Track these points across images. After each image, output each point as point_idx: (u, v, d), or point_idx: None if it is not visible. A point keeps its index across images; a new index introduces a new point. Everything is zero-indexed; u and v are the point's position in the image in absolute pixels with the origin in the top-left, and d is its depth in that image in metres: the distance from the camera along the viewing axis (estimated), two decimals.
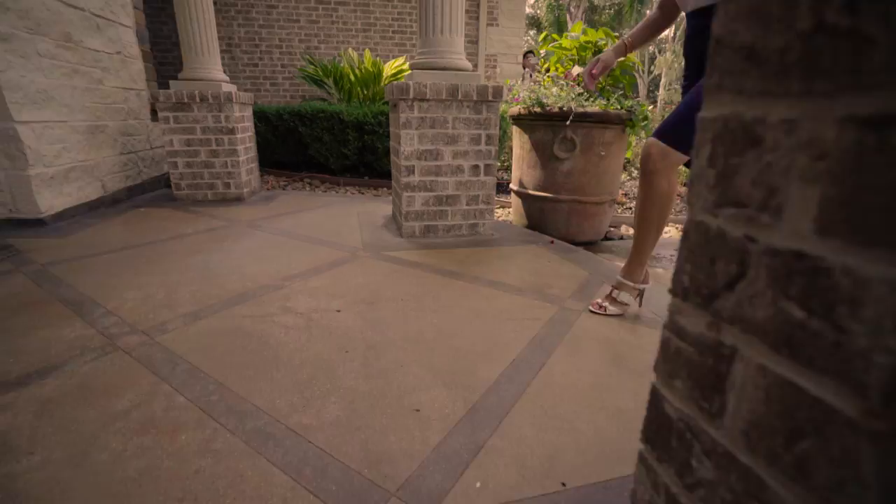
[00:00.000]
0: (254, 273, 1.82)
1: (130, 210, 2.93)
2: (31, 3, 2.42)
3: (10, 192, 2.37)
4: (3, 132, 2.27)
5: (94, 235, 2.34)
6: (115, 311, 1.48)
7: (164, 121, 3.02)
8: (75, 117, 2.73)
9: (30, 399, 1.04)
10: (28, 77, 2.36)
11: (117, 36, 3.26)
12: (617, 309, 1.52)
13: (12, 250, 2.01)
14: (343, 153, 4.03)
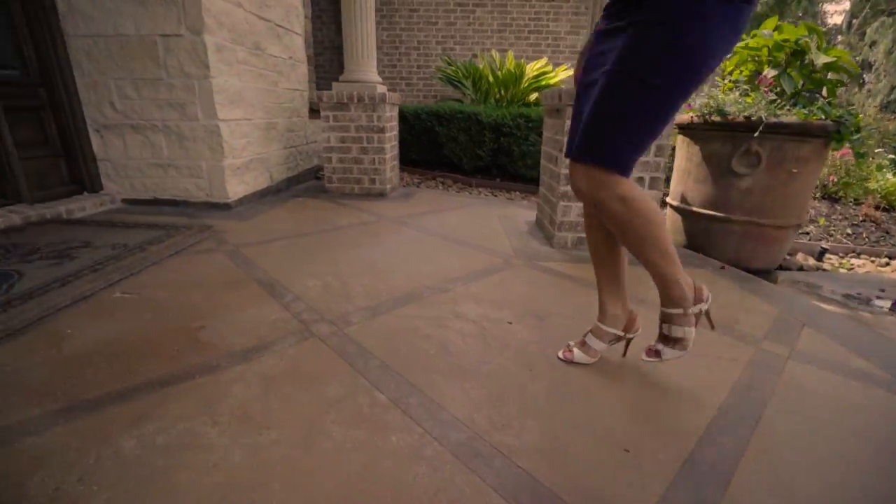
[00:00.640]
0: (415, 272, 1.88)
1: (291, 199, 3.23)
2: (237, 19, 2.77)
3: (209, 179, 2.75)
4: (210, 128, 2.63)
5: (268, 221, 2.61)
6: (301, 296, 1.62)
7: (325, 119, 3.28)
8: (257, 115, 3.08)
9: (256, 374, 1.15)
10: (229, 81, 2.71)
11: (291, 43, 3.62)
12: (586, 354, 1.24)
13: (212, 231, 2.31)
14: (477, 154, 4.06)
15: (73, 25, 2.51)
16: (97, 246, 1.96)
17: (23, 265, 1.73)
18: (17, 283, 1.57)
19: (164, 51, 2.51)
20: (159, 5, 2.43)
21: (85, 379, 1.12)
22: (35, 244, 1.95)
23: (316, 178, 4.15)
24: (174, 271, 1.81)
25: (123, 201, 2.84)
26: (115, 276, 1.68)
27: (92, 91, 2.62)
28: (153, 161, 2.74)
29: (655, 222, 1.03)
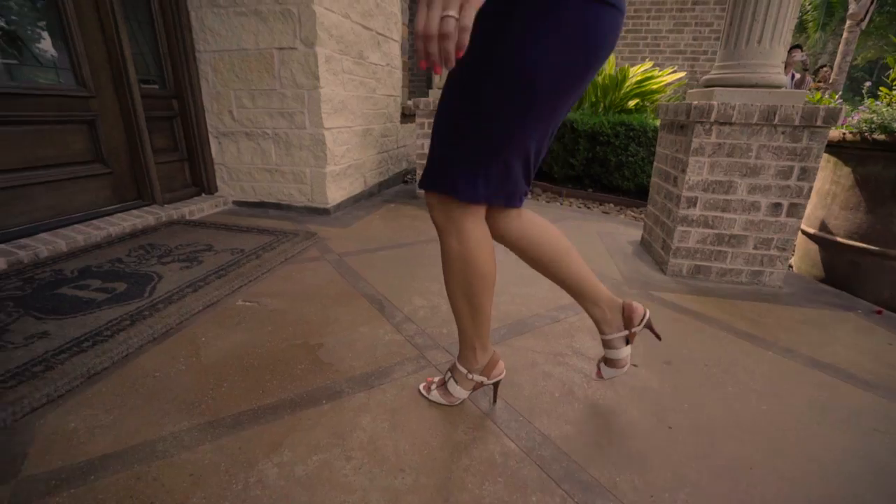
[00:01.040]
0: (522, 295, 1.81)
1: (383, 204, 3.29)
2: (345, 30, 2.84)
3: (311, 185, 2.86)
4: (316, 136, 2.73)
5: (366, 229, 2.66)
6: (411, 317, 1.61)
7: (420, 126, 3.30)
8: (356, 122, 3.16)
9: (380, 405, 1.14)
10: (335, 90, 2.79)
11: (389, 49, 3.68)
12: (442, 398, 1.14)
13: (317, 238, 2.39)
14: (570, 163, 3.89)
15: (203, 42, 2.71)
16: (218, 250, 2.09)
17: (160, 267, 1.88)
18: (157, 285, 1.71)
19: (280, 63, 2.64)
20: (278, 21, 2.55)
21: (222, 392, 1.17)
22: (168, 245, 2.12)
23: (404, 182, 4.21)
24: (287, 280, 1.88)
25: (234, 203, 3.04)
26: (236, 282, 1.77)
27: (215, 101, 2.82)
28: (262, 166, 2.90)
29: (474, 282, 0.97)
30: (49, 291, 1.62)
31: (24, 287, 1.65)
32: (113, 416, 1.07)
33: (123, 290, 1.66)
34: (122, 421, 1.06)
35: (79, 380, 1.18)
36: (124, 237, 2.22)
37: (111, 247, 2.09)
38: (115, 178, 2.45)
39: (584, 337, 1.51)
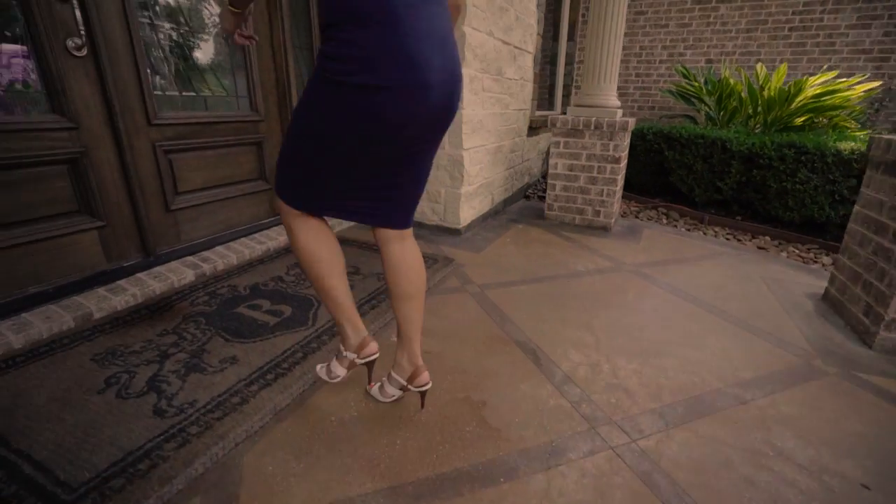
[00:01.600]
0: (690, 360, 1.61)
1: (511, 225, 3.20)
2: (488, 48, 2.78)
3: (444, 205, 2.86)
4: (455, 157, 2.72)
5: (500, 254, 2.59)
6: (571, 376, 1.50)
7: (555, 145, 3.14)
8: (490, 140, 3.10)
9: (562, 495, 1.06)
10: (474, 111, 2.75)
11: (523, 63, 3.56)
12: (325, 375, 1.34)
13: (455, 265, 2.37)
14: (717, 186, 3.48)
15: None
16: (365, 274, 2.16)
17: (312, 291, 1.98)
18: (317, 312, 1.79)
19: None
20: None
21: (397, 450, 1.17)
22: None
23: (525, 198, 4.09)
24: (435, 314, 1.87)
25: None
26: (388, 314, 1.80)
27: None
28: None
29: (314, 270, 1.17)
30: (229, 309, 1.78)
31: (210, 302, 1.83)
32: (303, 465, 1.11)
33: (290, 314, 1.76)
34: (313, 472, 1.09)
35: (268, 416, 1.26)
36: (280, 252, 2.39)
37: (271, 262, 2.25)
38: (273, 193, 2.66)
39: (785, 432, 1.28)
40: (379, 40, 0.87)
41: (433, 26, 0.93)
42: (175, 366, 1.42)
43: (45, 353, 1.46)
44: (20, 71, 1.60)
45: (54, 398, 1.27)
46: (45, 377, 1.35)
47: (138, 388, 1.31)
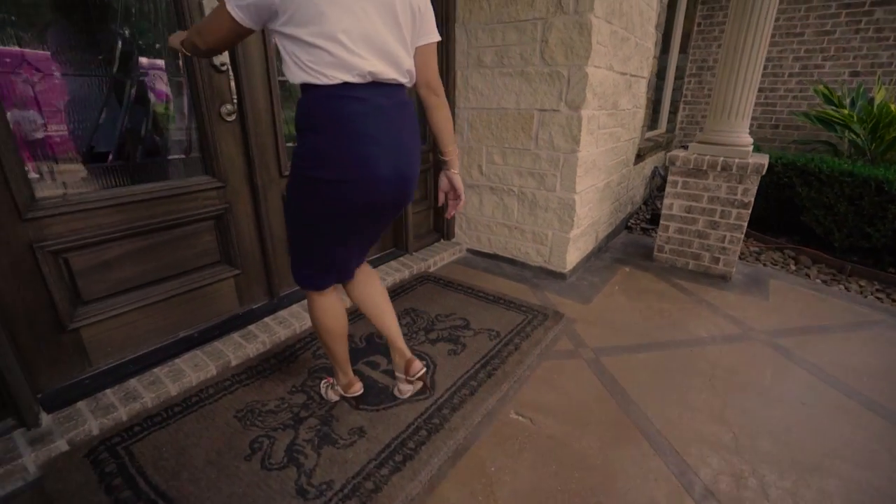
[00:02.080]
0: (863, 485, 1.39)
1: (617, 267, 3.02)
2: (607, 84, 2.62)
3: (550, 247, 2.76)
4: (566, 201, 2.60)
5: (610, 308, 2.45)
6: (712, 488, 1.36)
7: (672, 185, 2.90)
8: (600, 178, 2.93)
9: None
10: (588, 152, 2.60)
11: (638, 90, 3.33)
12: (323, 392, 1.65)
13: (565, 319, 2.27)
14: (864, 232, 3.03)
15: (464, 99, 2.79)
16: (475, 330, 2.13)
17: (430, 346, 1.99)
18: (436, 376, 1.79)
19: (539, 124, 2.56)
20: (544, 82, 2.46)
21: None
22: (429, 314, 2.25)
23: (627, 229, 3.85)
24: (550, 386, 1.79)
25: (468, 250, 3.13)
26: (504, 385, 1.76)
27: (466, 155, 2.90)
28: (502, 221, 2.90)
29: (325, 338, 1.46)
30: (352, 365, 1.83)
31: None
32: None
33: None
34: None
35: None
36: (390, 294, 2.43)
37: None
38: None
39: None
40: (334, 145, 1.09)
41: (384, 135, 1.12)
42: (308, 434, 1.48)
43: (196, 403, 1.59)
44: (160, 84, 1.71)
45: (210, 461, 1.37)
46: (201, 434, 1.47)
47: (279, 459, 1.38)
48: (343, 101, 1.07)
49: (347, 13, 1.01)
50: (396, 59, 1.11)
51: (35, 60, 1.37)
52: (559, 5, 2.31)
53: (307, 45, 1.03)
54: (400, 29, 1.11)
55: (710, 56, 5.04)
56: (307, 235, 1.25)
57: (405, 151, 1.18)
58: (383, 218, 1.29)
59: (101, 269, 1.57)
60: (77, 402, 1.51)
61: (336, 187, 1.12)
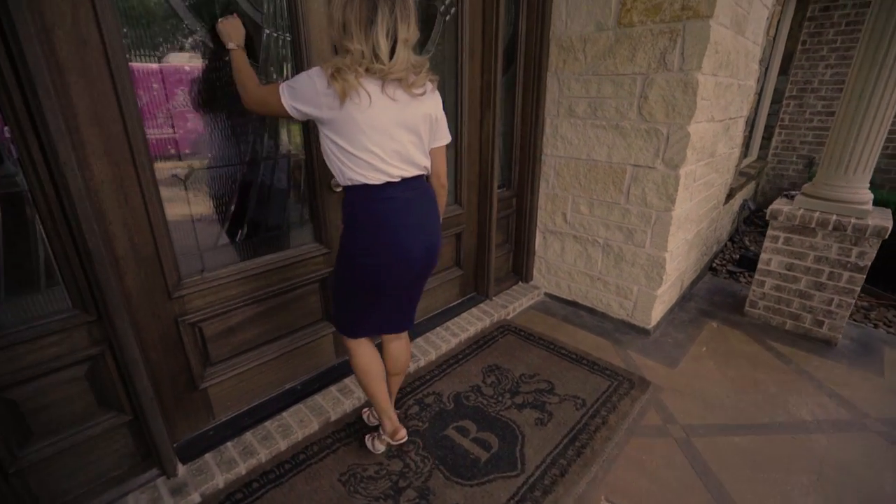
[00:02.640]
0: None
1: (702, 321, 2.88)
2: (707, 136, 2.49)
3: (635, 302, 2.68)
4: (655, 258, 2.52)
5: (698, 374, 2.35)
6: None
7: (772, 239, 2.72)
8: (691, 230, 2.80)
9: None
10: (683, 208, 2.49)
11: (735, 131, 3.13)
12: (370, 446, 1.78)
13: (651, 389, 2.21)
14: None
15: (551, 147, 2.76)
16: (560, 396, 2.13)
17: (516, 413, 2.01)
18: (524, 450, 1.81)
19: (631, 179, 2.48)
20: (640, 137, 2.38)
21: None
22: (513, 374, 2.27)
23: (711, 270, 3.65)
24: (640, 471, 1.76)
25: (546, 294, 3.11)
26: (593, 466, 1.75)
27: (550, 201, 2.88)
28: (584, 271, 2.86)
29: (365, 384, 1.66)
30: (440, 430, 1.90)
31: (421, 416, 1.98)
32: None
33: (497, 448, 1.81)
34: None
35: None
36: (470, 345, 2.48)
37: (466, 361, 2.35)
38: (464, 276, 2.77)
39: None
40: (374, 239, 1.36)
41: (413, 219, 1.39)
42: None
43: (303, 461, 1.72)
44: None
45: None
46: (311, 497, 1.59)
47: None
48: (379, 202, 1.33)
49: (383, 135, 1.26)
50: (418, 163, 1.38)
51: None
52: (662, 62, 2.22)
53: (350, 154, 1.27)
54: (421, 140, 1.37)
55: (815, 77, 4.62)
56: (348, 299, 1.50)
57: (430, 229, 1.46)
58: (413, 286, 1.54)
59: (226, 334, 1.74)
60: (205, 454, 1.68)
61: (375, 269, 1.39)
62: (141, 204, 1.40)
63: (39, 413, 1.35)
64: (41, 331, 1.29)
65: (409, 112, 1.29)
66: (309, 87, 1.22)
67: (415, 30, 1.24)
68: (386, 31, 1.17)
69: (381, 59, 1.19)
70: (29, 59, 1.07)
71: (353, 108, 1.21)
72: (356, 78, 1.19)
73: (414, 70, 1.27)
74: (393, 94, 1.25)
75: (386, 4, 1.16)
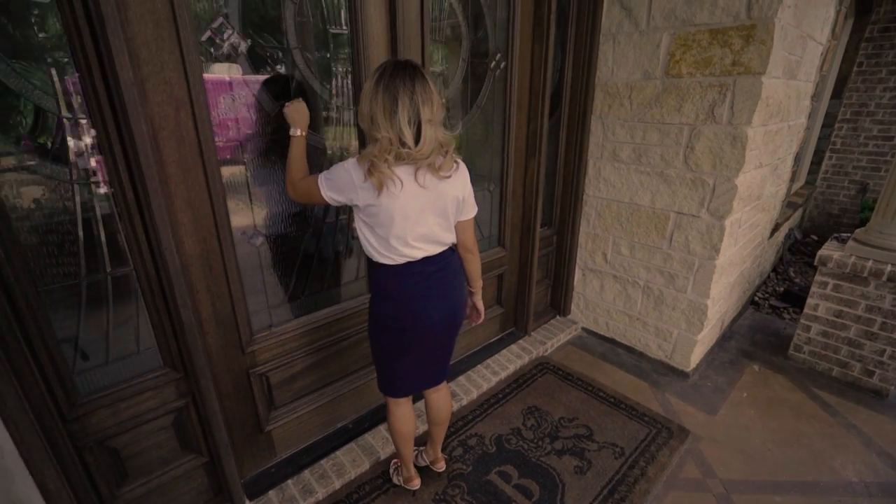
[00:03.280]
0: None
1: (743, 363, 2.86)
2: (754, 183, 2.48)
3: (674, 345, 2.70)
4: (697, 305, 2.53)
5: (738, 424, 2.35)
6: None
7: (820, 285, 2.67)
8: (734, 273, 2.79)
9: None
10: (726, 255, 2.49)
11: (784, 170, 3.09)
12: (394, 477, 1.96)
13: (690, 439, 2.24)
14: None
15: (593, 188, 2.80)
16: (598, 443, 2.18)
17: (556, 459, 2.08)
18: (566, 498, 1.89)
19: (674, 226, 2.50)
20: (685, 186, 2.40)
21: None
22: (552, 416, 2.34)
23: (753, 304, 3.59)
24: None
25: (584, 329, 3.16)
26: None
27: (590, 240, 2.92)
28: (623, 310, 2.89)
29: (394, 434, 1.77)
30: (483, 475, 1.99)
31: (465, 458, 2.08)
32: None
33: (538, 497, 1.89)
34: None
35: None
36: (511, 386, 2.56)
37: (507, 401, 2.44)
38: (504, 314, 2.85)
39: None
40: (399, 308, 1.48)
41: (434, 291, 1.49)
42: None
43: (356, 502, 1.86)
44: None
45: None
46: None
47: None
48: (405, 277, 1.45)
49: (412, 222, 1.37)
50: (443, 242, 1.50)
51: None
52: (710, 114, 2.23)
53: (379, 237, 1.39)
54: (448, 220, 1.47)
55: (872, 100, 4.43)
56: (383, 358, 1.61)
57: (452, 296, 1.56)
58: (440, 347, 1.65)
59: (289, 381, 1.89)
60: (268, 491, 1.84)
61: (402, 333, 1.51)
62: (222, 272, 1.55)
63: (134, 458, 1.52)
64: (138, 388, 1.46)
65: (438, 197, 1.38)
66: (346, 180, 1.32)
67: (438, 109, 1.31)
68: (408, 117, 1.25)
69: (408, 143, 1.27)
70: (142, 160, 1.23)
71: (387, 198, 1.31)
72: (389, 167, 1.28)
73: (441, 149, 1.35)
74: (423, 180, 1.33)
75: (405, 93, 1.24)
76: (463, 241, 1.61)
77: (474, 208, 1.58)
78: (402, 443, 1.78)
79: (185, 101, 1.33)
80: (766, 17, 1.98)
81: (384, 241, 1.40)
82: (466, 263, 1.67)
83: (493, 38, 2.23)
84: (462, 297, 1.63)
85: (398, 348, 1.56)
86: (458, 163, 1.44)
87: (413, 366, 1.62)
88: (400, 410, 1.72)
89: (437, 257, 1.50)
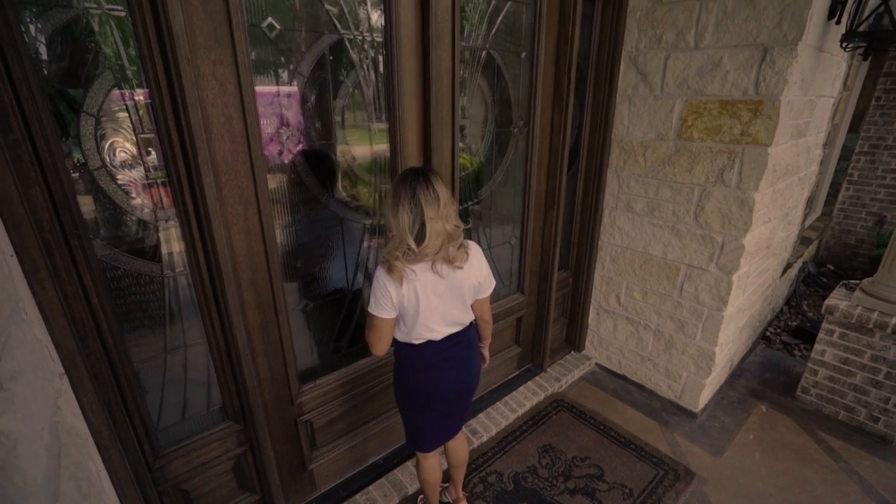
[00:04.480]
0: None
1: (751, 403, 2.98)
2: (763, 238, 2.60)
3: (683, 387, 2.85)
4: (705, 352, 2.67)
5: (744, 467, 2.49)
6: None
7: (827, 332, 2.79)
8: (743, 317, 2.92)
9: None
10: (735, 304, 2.63)
11: (795, 216, 3.19)
12: None
13: (696, 481, 2.39)
14: None
15: (608, 235, 2.96)
16: (609, 483, 2.36)
17: (568, 498, 2.26)
18: None
19: (685, 277, 2.65)
20: (695, 241, 2.55)
21: None
22: (566, 455, 2.52)
23: (765, 339, 3.70)
24: None
25: (597, 365, 3.32)
26: None
27: (605, 283, 3.08)
28: (635, 350, 3.04)
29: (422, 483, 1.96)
30: None
31: (485, 495, 2.27)
32: None
33: None
34: None
35: None
36: (528, 423, 2.74)
37: (524, 438, 2.62)
38: (522, 352, 3.04)
39: None
40: (419, 380, 1.65)
41: (450, 364, 1.65)
42: None
43: None
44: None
45: None
46: None
47: None
48: (424, 355, 1.62)
49: (436, 313, 1.55)
50: (462, 322, 1.66)
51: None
52: (720, 177, 2.38)
53: (406, 325, 1.57)
54: (466, 304, 1.63)
55: (890, 134, 4.47)
56: (408, 417, 1.79)
57: (466, 369, 1.72)
58: (457, 408, 1.81)
59: (329, 425, 2.11)
60: None
61: (421, 396, 1.68)
62: (277, 338, 1.78)
63: (201, 498, 1.76)
64: (207, 440, 1.70)
65: (456, 285, 1.53)
66: (382, 290, 1.47)
67: (446, 206, 1.41)
68: (410, 220, 1.37)
69: (411, 246, 1.39)
70: (220, 254, 1.46)
71: (408, 290, 1.46)
72: (403, 264, 1.42)
73: (451, 240, 1.46)
74: (440, 270, 1.47)
75: (406, 196, 1.37)
76: (480, 314, 1.77)
77: (491, 285, 1.69)
78: (430, 490, 1.97)
79: (253, 201, 1.56)
80: (773, 94, 2.13)
81: (410, 330, 1.57)
82: (480, 329, 1.84)
83: (516, 108, 2.42)
84: (477, 366, 1.78)
85: (420, 407, 1.72)
86: (469, 251, 1.55)
87: (435, 424, 1.78)
88: (428, 462, 1.89)
89: (456, 334, 1.66)
